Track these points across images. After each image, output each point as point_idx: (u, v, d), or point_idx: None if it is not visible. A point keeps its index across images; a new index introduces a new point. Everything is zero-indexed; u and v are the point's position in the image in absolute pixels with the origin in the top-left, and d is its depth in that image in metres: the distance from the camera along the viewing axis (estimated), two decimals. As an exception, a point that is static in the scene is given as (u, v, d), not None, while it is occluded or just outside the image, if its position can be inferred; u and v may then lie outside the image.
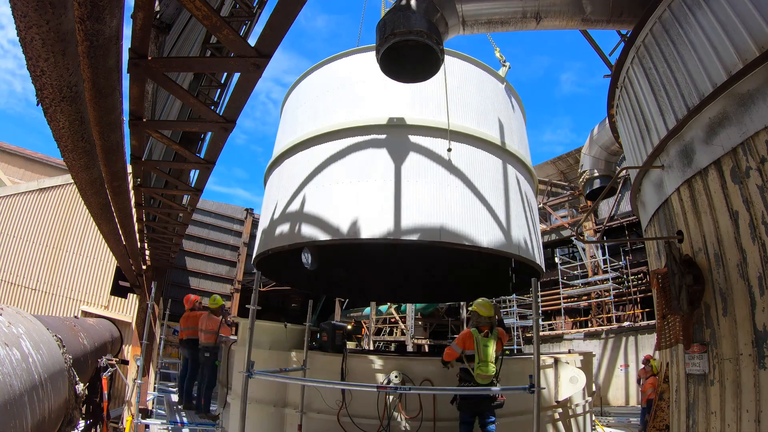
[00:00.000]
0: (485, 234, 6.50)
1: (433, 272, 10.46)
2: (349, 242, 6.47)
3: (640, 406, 12.45)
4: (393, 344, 19.48)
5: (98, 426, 6.69)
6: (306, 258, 6.47)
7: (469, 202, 6.66)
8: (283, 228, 7.05)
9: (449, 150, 6.58)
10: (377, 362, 5.54)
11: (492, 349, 4.75)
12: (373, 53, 7.54)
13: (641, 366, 11.34)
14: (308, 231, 6.51)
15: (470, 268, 9.75)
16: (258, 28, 11.02)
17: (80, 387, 5.35)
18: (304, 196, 6.99)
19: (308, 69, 8.98)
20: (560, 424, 5.93)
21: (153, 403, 9.31)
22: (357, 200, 6.42)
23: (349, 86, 7.71)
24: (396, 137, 6.90)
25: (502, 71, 8.53)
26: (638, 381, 11.52)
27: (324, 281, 10.77)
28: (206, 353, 7.33)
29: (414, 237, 6.12)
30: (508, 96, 8.64)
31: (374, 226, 6.17)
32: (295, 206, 7.05)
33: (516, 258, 6.99)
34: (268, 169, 8.82)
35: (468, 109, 7.51)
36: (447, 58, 7.71)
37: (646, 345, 14.06)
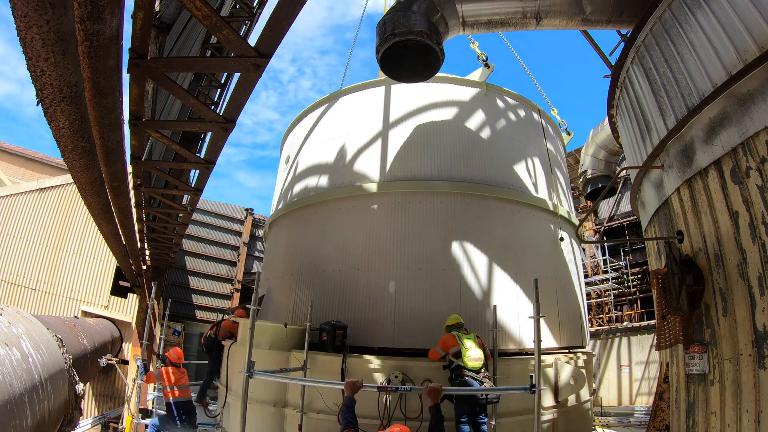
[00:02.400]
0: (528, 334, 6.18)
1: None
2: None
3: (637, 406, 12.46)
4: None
5: None
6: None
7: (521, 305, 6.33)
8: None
9: None
10: (377, 362, 5.53)
11: (473, 342, 5.02)
12: (396, 86, 7.36)
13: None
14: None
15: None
16: (258, 28, 11.00)
17: (80, 387, 5.35)
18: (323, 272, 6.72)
19: (312, 104, 8.64)
20: (560, 423, 5.92)
21: (153, 403, 9.30)
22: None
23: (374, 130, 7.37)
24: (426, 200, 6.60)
25: (480, 74, 7.71)
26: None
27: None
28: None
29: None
30: (546, 128, 8.27)
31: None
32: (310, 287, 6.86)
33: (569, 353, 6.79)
34: (270, 224, 8.66)
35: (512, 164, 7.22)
36: (495, 97, 7.57)
37: (646, 345, 14.05)
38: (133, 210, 6.41)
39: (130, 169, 4.97)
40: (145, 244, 10.11)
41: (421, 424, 5.11)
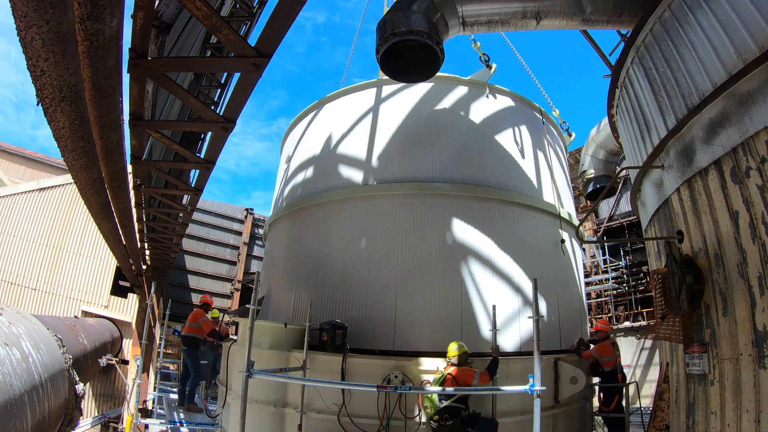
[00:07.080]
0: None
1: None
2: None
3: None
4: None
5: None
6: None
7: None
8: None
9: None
10: (377, 362, 5.53)
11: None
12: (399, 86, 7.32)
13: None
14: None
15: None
16: (258, 28, 11.01)
17: (80, 387, 5.35)
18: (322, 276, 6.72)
19: (312, 104, 8.59)
20: (560, 423, 5.92)
21: (153, 402, 9.30)
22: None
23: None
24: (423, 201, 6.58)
25: (482, 74, 7.66)
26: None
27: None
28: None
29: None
30: (548, 129, 8.25)
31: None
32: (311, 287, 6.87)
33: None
34: (270, 224, 8.64)
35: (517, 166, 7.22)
36: (499, 98, 7.55)
37: (646, 344, 14.06)
38: (133, 210, 6.42)
39: (130, 169, 4.97)
40: (145, 244, 10.10)
41: (419, 424, 5.11)
